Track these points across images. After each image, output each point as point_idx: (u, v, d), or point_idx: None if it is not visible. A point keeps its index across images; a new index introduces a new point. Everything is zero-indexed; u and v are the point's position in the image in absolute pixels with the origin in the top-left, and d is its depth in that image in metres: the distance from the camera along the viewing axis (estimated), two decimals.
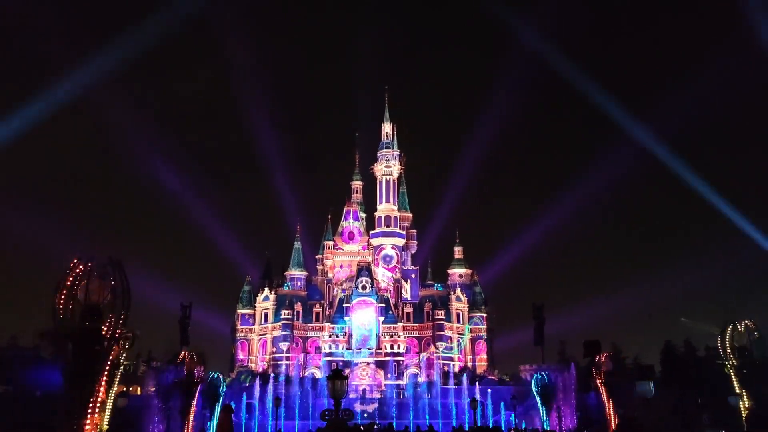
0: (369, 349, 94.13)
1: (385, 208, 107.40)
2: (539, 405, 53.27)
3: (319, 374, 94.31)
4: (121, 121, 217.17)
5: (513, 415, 65.36)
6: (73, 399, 25.25)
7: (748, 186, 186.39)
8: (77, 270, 25.39)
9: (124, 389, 72.39)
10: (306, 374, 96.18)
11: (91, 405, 25.20)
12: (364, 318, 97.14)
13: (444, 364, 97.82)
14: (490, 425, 65.76)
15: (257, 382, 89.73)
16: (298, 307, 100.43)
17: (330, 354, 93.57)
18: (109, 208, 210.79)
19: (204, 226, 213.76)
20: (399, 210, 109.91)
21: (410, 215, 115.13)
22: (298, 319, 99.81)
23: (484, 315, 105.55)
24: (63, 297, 25.23)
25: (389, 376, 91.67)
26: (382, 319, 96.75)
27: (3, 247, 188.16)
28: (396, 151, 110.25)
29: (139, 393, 74.68)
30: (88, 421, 24.85)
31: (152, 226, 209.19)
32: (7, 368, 33.15)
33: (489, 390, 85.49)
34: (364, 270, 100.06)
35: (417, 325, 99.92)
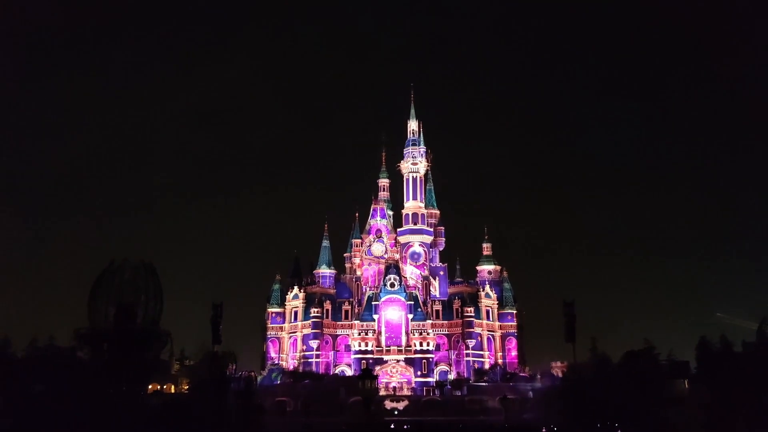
0: (398, 346, 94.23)
1: (412, 205, 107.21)
2: (570, 401, 52.61)
3: (349, 371, 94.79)
4: (152, 118, 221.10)
5: (544, 412, 64.66)
6: (109, 397, 25.89)
7: None
8: (111, 272, 26.00)
9: (159, 387, 73.82)
10: (336, 372, 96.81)
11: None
12: (393, 315, 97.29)
13: (474, 361, 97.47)
14: (522, 423, 65.31)
15: (288, 379, 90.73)
16: (328, 305, 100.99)
17: (360, 351, 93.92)
18: (141, 211, 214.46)
19: (234, 227, 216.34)
20: (426, 207, 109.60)
21: (438, 212, 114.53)
22: (327, 317, 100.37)
23: (514, 312, 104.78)
24: (98, 298, 25.84)
25: (419, 373, 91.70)
26: (411, 316, 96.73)
27: (41, 249, 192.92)
28: (422, 148, 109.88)
29: (173, 391, 75.92)
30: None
31: (183, 227, 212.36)
32: (45, 368, 34.14)
33: (520, 387, 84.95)
34: (393, 267, 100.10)
35: (446, 322, 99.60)
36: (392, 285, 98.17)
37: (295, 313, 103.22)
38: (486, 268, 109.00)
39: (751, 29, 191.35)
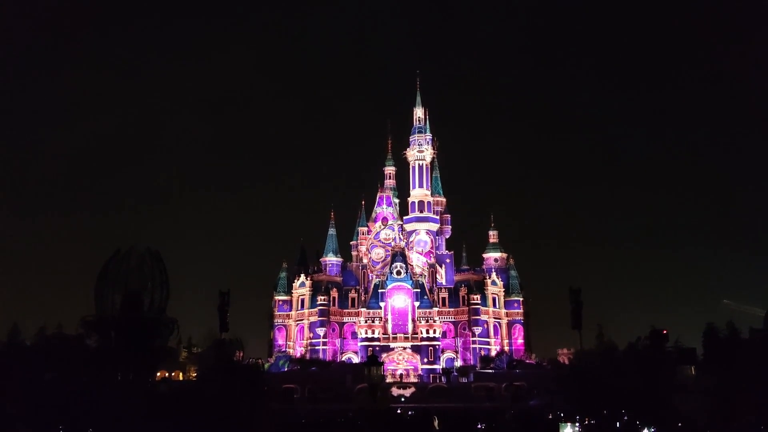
0: (405, 334, 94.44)
1: (418, 193, 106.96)
2: (577, 388, 52.53)
3: (356, 359, 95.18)
4: (158, 109, 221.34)
5: (551, 399, 64.74)
6: (117, 384, 26.06)
7: None
8: (117, 260, 26.07)
9: (167, 374, 74.27)
10: (343, 359, 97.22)
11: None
12: (399, 303, 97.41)
13: (480, 349, 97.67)
14: (528, 409, 65.49)
15: (295, 366, 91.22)
16: (334, 292, 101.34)
17: (366, 339, 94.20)
18: (147, 198, 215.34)
19: (240, 214, 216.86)
20: (432, 195, 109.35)
21: (444, 200, 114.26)
22: (334, 305, 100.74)
23: (521, 299, 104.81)
24: (104, 286, 25.93)
25: (425, 360, 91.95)
26: (417, 304, 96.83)
27: (49, 238, 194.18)
28: (428, 136, 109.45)
29: (181, 378, 76.47)
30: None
31: (190, 216, 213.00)
32: (54, 356, 34.43)
33: (526, 374, 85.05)
34: (399, 255, 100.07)
35: (452, 309, 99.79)
36: (398, 273, 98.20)
37: (302, 301, 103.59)
38: (492, 256, 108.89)
39: (751, 28, 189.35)
